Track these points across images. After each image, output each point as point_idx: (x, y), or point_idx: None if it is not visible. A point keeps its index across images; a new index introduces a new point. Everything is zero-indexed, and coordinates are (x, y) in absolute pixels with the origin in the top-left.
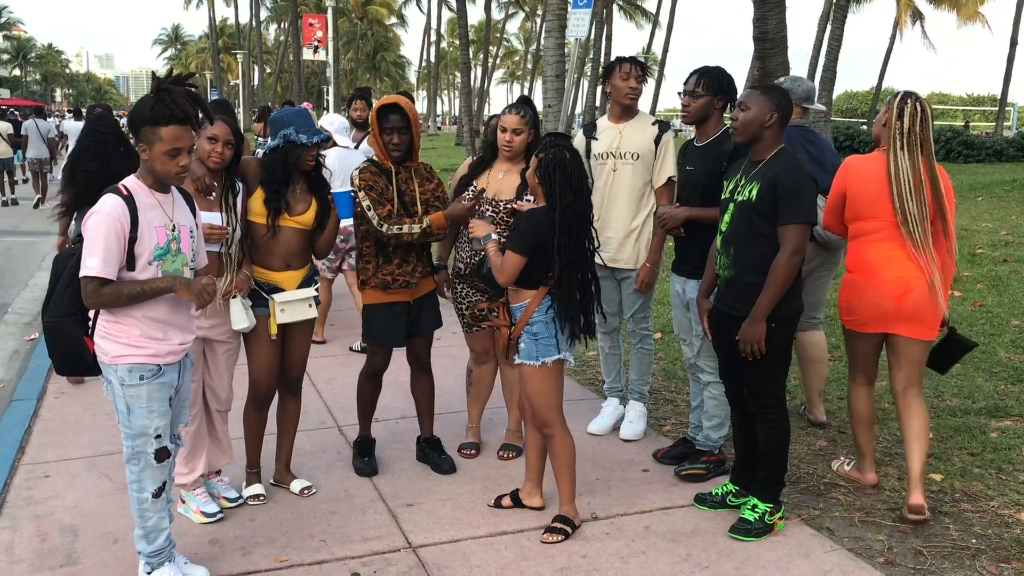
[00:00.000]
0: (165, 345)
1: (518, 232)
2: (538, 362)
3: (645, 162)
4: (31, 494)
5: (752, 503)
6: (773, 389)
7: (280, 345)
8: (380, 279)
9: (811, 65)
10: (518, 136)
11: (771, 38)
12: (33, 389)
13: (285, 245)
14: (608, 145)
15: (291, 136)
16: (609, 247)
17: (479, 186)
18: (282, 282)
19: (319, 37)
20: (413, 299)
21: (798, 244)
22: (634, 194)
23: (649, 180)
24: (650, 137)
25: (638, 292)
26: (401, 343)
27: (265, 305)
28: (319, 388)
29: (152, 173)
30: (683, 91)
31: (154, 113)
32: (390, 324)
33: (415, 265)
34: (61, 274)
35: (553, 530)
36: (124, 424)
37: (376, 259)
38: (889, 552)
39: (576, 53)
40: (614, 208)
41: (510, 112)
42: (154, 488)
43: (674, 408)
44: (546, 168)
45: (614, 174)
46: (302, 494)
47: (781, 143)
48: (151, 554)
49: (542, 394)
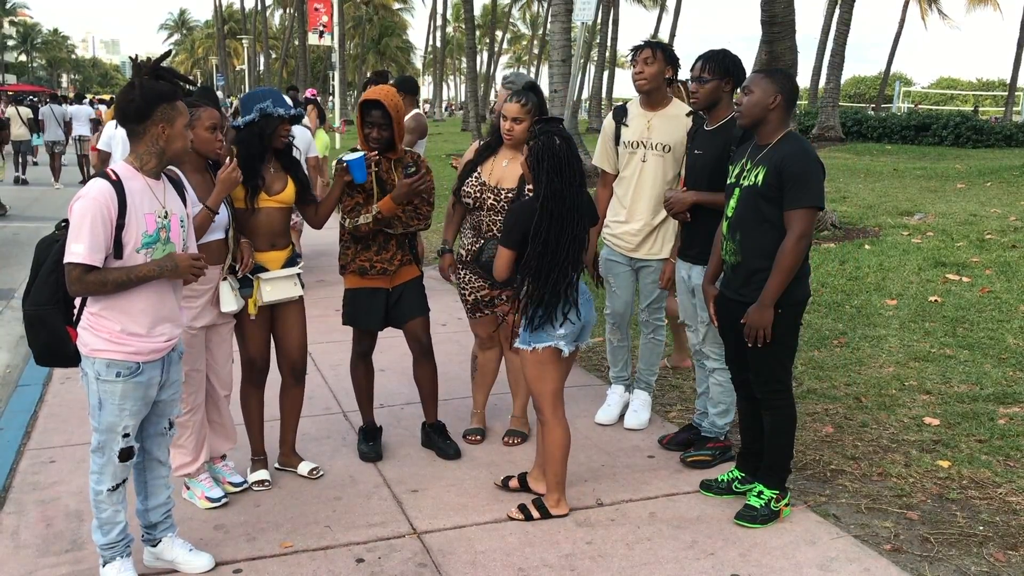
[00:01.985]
0: (148, 342)
1: (505, 227)
2: (530, 347)
3: (676, 155)
4: (37, 479)
5: (758, 490)
6: (779, 375)
7: (268, 322)
8: (358, 265)
9: (819, 49)
10: (519, 125)
11: (779, 22)
12: (39, 375)
13: (269, 225)
14: (638, 134)
15: (267, 109)
16: (632, 238)
17: (482, 175)
18: (267, 262)
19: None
20: (392, 286)
21: (805, 229)
22: (662, 187)
23: (679, 173)
24: (683, 129)
25: (657, 284)
26: (379, 326)
27: (251, 286)
28: (324, 374)
29: (158, 155)
30: (690, 79)
31: (163, 90)
32: (368, 307)
33: (394, 253)
34: (44, 261)
35: (523, 507)
36: (94, 418)
37: (355, 246)
38: (896, 539)
39: (583, 37)
40: (641, 199)
41: (511, 100)
42: (112, 484)
43: (680, 394)
44: (536, 155)
45: (643, 165)
46: (310, 475)
47: (787, 127)
48: (103, 546)
49: (535, 380)
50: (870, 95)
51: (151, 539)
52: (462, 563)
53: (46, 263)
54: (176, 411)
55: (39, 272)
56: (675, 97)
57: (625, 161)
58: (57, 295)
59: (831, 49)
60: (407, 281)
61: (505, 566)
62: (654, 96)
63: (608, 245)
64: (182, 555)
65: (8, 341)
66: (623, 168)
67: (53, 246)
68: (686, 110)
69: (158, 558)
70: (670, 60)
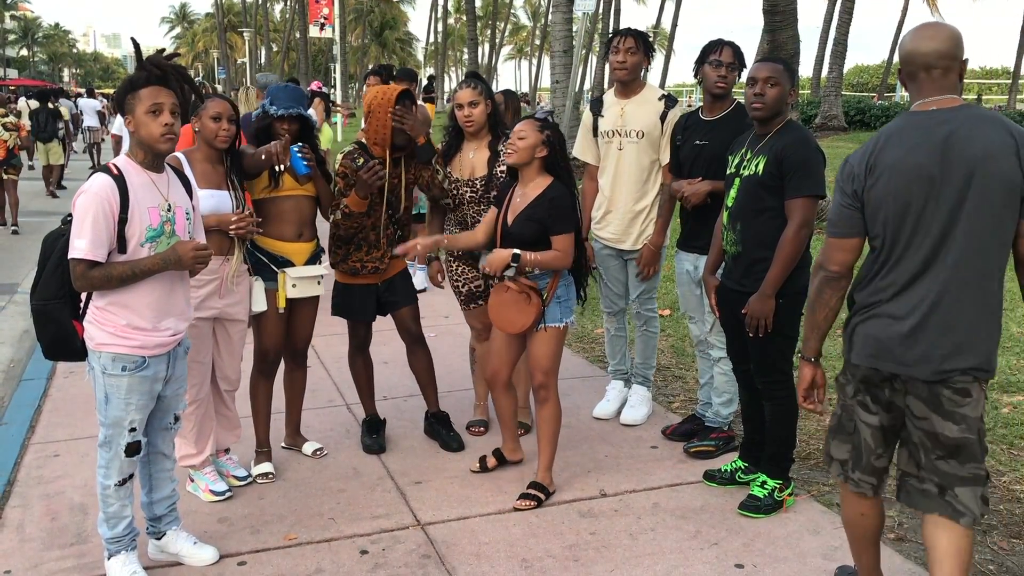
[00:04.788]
0: (154, 336)
1: (563, 213)
2: (562, 323)
3: (651, 140)
4: (41, 473)
5: (761, 479)
6: (780, 365)
7: (287, 315)
8: (349, 265)
9: (821, 38)
10: (475, 108)
11: (781, 11)
12: (43, 369)
13: (299, 212)
14: (612, 123)
15: (265, 106)
16: (615, 228)
17: (453, 173)
18: (293, 254)
19: (325, 14)
20: (381, 281)
21: (806, 217)
22: (640, 174)
23: (656, 158)
24: (655, 113)
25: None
26: (371, 317)
27: (274, 278)
28: (328, 366)
29: (140, 145)
30: (719, 62)
31: (132, 79)
32: (361, 301)
33: (385, 252)
34: (50, 255)
35: (527, 496)
36: (101, 412)
37: (346, 246)
38: (899, 528)
39: (584, 28)
40: (620, 188)
41: (461, 88)
42: (119, 478)
43: (683, 385)
44: (559, 145)
45: (620, 153)
46: (315, 455)
47: (787, 116)
48: (110, 540)
49: (555, 355)
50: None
51: (156, 532)
52: (466, 554)
53: (52, 257)
54: (182, 406)
55: (45, 266)
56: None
57: (604, 151)
58: (63, 289)
59: (833, 38)
60: (396, 274)
61: (509, 557)
62: (630, 85)
63: (597, 239)
64: (186, 548)
65: (11, 335)
66: (603, 159)
67: (59, 240)
68: (659, 94)
69: (163, 551)
70: (648, 51)
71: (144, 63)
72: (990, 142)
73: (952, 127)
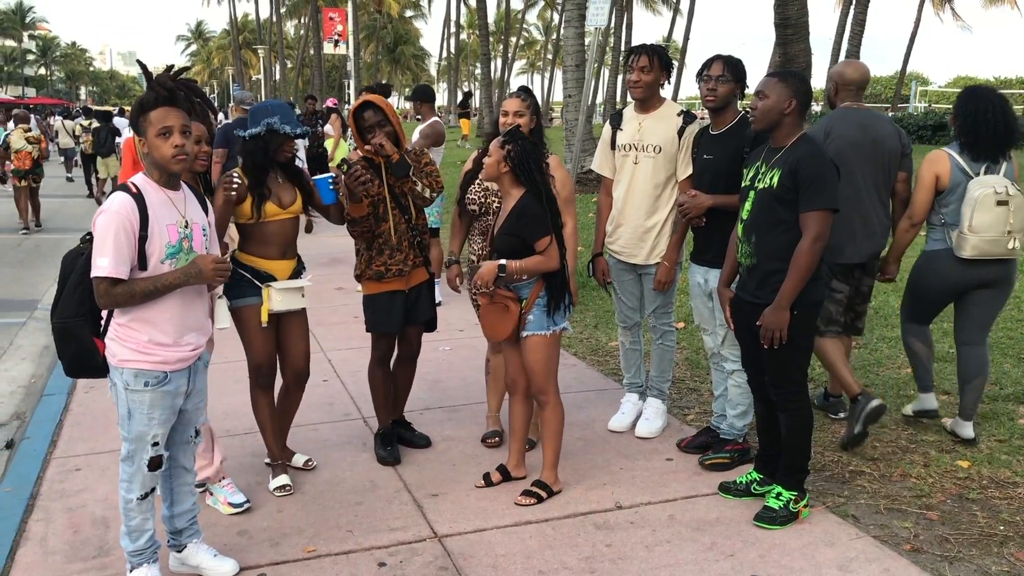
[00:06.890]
0: (175, 352)
1: (533, 220)
2: (549, 331)
3: (668, 155)
4: (63, 487)
5: (777, 491)
6: (795, 377)
7: (274, 328)
8: (374, 270)
9: (834, 49)
10: (520, 119)
11: (792, 24)
12: (63, 384)
13: (283, 235)
14: (630, 137)
15: (274, 125)
16: (624, 241)
17: (484, 182)
18: (276, 271)
19: (339, 31)
20: (408, 288)
21: (821, 230)
22: (653, 190)
23: (672, 174)
24: (673, 129)
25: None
26: (400, 328)
27: (258, 294)
28: (344, 380)
29: (155, 166)
30: (707, 76)
31: (142, 101)
32: (389, 310)
33: (407, 254)
34: (70, 274)
35: (528, 493)
36: (124, 427)
37: (368, 252)
38: (915, 539)
39: (596, 42)
40: (632, 202)
41: (511, 97)
42: (141, 492)
43: (697, 397)
44: (519, 158)
45: (635, 167)
46: (305, 467)
47: (802, 129)
48: (132, 552)
49: (548, 361)
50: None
51: (176, 545)
52: (483, 566)
53: (72, 276)
54: (202, 419)
55: (66, 285)
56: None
57: (620, 165)
58: (84, 307)
59: (846, 49)
60: (421, 283)
61: (525, 569)
62: (648, 102)
63: (610, 252)
64: (207, 560)
65: (32, 351)
66: (619, 172)
67: (79, 259)
68: (677, 110)
69: (184, 563)
70: (665, 66)
71: (152, 83)
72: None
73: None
